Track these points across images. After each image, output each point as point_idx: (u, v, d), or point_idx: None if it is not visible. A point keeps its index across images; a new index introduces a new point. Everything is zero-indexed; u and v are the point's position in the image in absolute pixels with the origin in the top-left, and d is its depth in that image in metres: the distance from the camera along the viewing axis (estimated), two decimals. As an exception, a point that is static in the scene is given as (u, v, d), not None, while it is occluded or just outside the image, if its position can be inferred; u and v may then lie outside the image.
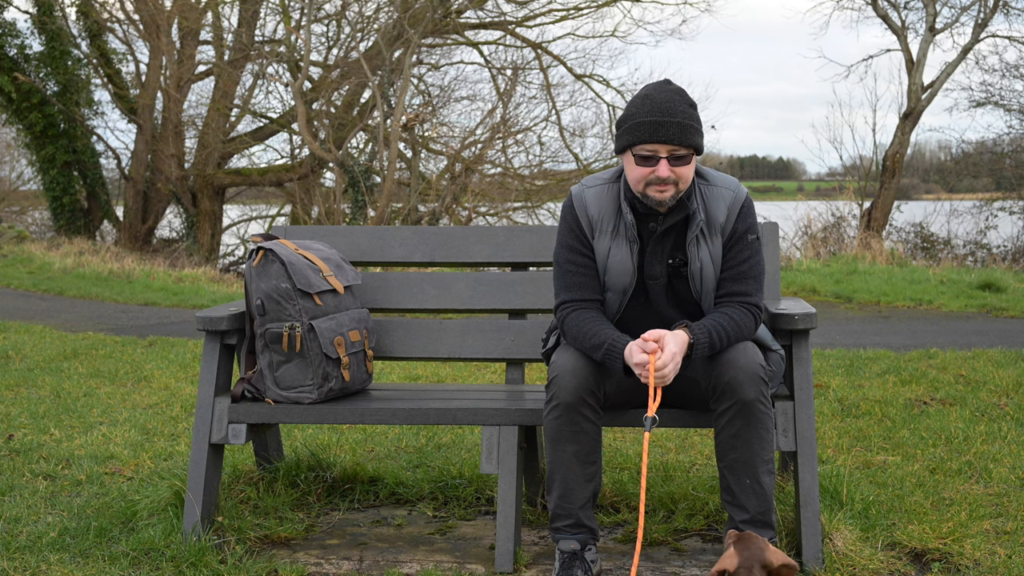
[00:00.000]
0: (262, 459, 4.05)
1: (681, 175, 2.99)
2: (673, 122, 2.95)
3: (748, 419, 2.97)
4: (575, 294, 3.13)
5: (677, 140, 2.95)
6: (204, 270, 16.70)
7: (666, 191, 2.99)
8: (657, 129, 2.94)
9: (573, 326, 3.09)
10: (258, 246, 3.48)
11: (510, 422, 3.33)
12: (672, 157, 2.96)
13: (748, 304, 3.08)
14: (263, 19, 21.05)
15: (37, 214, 26.49)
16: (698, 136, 3.01)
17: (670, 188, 2.99)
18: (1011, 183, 20.00)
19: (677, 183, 2.99)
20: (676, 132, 2.94)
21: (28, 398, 5.88)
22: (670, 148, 2.95)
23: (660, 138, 2.94)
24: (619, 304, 3.13)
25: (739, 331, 3.03)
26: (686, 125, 2.96)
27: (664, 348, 2.90)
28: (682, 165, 2.98)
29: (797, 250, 16.16)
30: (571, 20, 20.24)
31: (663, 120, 2.95)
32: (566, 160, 21.06)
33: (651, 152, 2.96)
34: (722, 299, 3.10)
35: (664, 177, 2.96)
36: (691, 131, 2.97)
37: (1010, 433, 4.72)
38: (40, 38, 20.41)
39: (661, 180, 2.97)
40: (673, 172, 2.96)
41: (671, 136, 2.94)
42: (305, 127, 18.17)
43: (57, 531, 3.51)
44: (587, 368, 3.02)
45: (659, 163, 2.96)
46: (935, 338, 7.88)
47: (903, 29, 18.32)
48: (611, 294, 3.12)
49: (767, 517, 3.03)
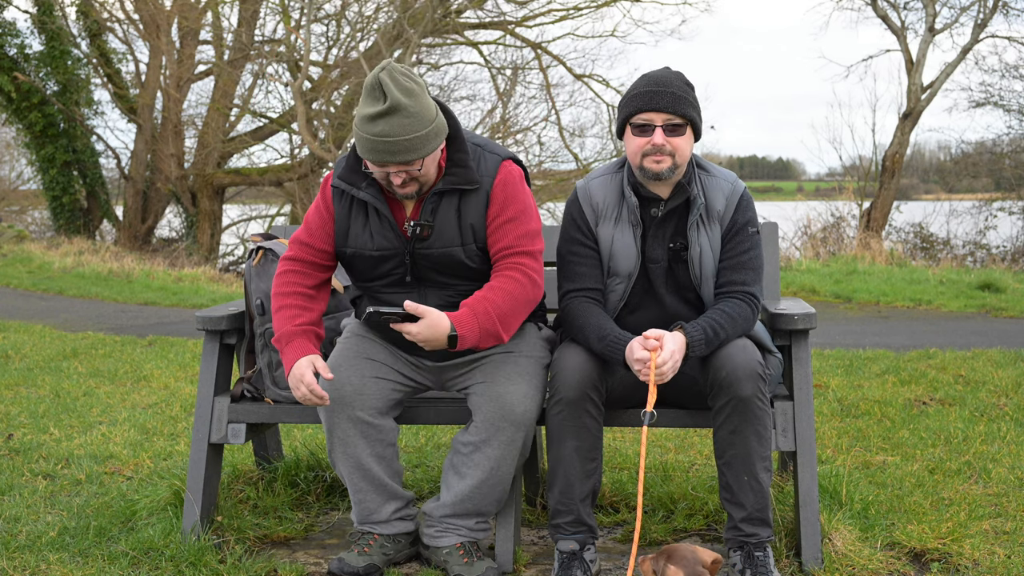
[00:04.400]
0: (261, 459, 4.05)
1: (677, 146, 3.03)
2: (667, 92, 3.02)
3: (745, 415, 2.98)
4: (576, 283, 3.17)
5: (671, 109, 3.01)
6: (204, 270, 16.70)
7: (663, 161, 3.03)
8: (652, 98, 3.02)
9: (575, 316, 3.13)
10: (258, 246, 3.47)
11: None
12: (668, 126, 3.02)
13: (746, 294, 3.10)
14: (263, 19, 21.08)
15: (37, 214, 26.51)
16: (693, 110, 3.06)
17: (666, 159, 3.03)
18: (1010, 183, 20.02)
19: (674, 155, 3.03)
20: (670, 101, 3.01)
21: (28, 397, 5.87)
22: (665, 117, 3.02)
23: (654, 106, 3.01)
24: (624, 290, 3.16)
25: (735, 325, 3.05)
26: (680, 96, 3.03)
27: (664, 347, 2.93)
28: (677, 136, 3.03)
29: (797, 250, 16.17)
30: (571, 20, 20.27)
31: (658, 90, 3.03)
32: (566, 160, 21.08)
33: (647, 121, 3.03)
34: (721, 289, 3.12)
35: (659, 145, 3.01)
36: (685, 103, 3.03)
37: (1009, 433, 4.72)
38: (40, 38, 20.42)
39: (657, 149, 3.02)
40: (669, 142, 3.02)
41: (665, 104, 3.01)
42: (305, 127, 18.18)
43: (56, 530, 3.50)
44: (590, 365, 3.04)
45: (655, 131, 3.02)
46: (934, 338, 7.89)
47: (903, 29, 18.33)
48: (616, 280, 3.15)
49: (764, 514, 3.04)
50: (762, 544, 3.04)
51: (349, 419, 3.11)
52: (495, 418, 3.07)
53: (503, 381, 3.09)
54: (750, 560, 3.01)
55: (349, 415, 3.11)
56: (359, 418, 3.11)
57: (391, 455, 3.18)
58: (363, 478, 3.16)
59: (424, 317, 2.92)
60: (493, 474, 3.10)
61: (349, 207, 3.13)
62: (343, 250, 3.15)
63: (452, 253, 3.07)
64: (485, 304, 2.98)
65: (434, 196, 3.05)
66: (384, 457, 3.17)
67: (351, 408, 3.11)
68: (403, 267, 3.10)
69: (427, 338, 2.93)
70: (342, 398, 3.10)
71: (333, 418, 3.13)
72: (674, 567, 2.67)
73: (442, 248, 3.06)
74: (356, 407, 3.11)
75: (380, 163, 2.93)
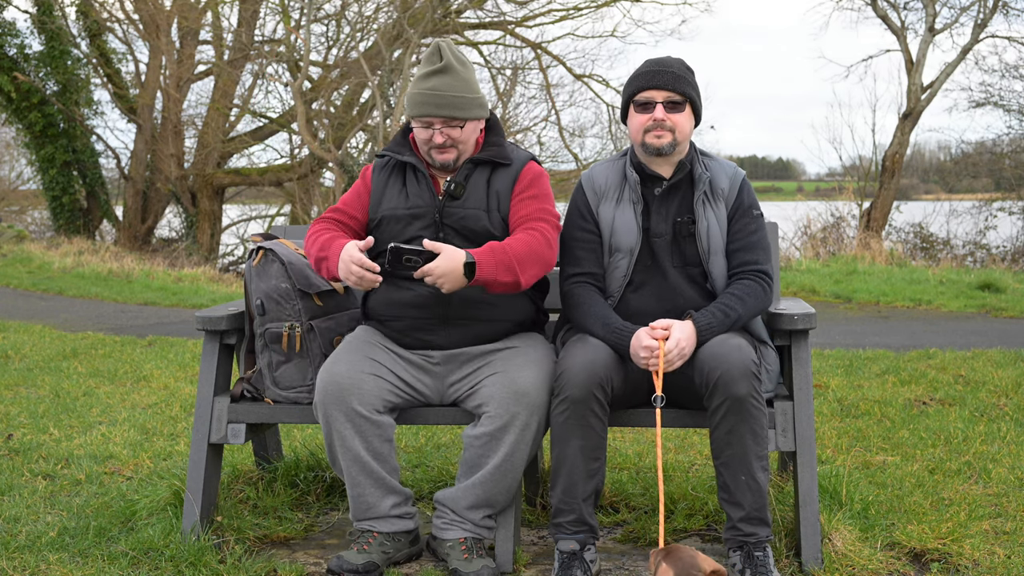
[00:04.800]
0: (261, 459, 4.05)
1: (677, 123, 3.17)
2: (668, 71, 3.19)
3: (741, 415, 2.99)
4: (577, 268, 3.28)
5: (671, 86, 3.16)
6: (203, 270, 16.70)
7: (663, 136, 3.17)
8: (652, 77, 3.18)
9: (578, 301, 3.23)
10: (258, 246, 3.47)
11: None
12: (668, 103, 3.17)
13: (757, 272, 3.21)
14: (263, 19, 21.08)
15: (36, 214, 26.50)
16: (692, 90, 3.21)
17: (667, 135, 3.17)
18: (1010, 183, 20.01)
19: (674, 131, 3.17)
20: (670, 79, 3.17)
21: (27, 398, 5.87)
22: (665, 94, 3.17)
23: (655, 84, 3.17)
24: (627, 265, 3.23)
25: (747, 305, 3.15)
26: (680, 75, 3.19)
27: (671, 335, 3.02)
28: (677, 112, 3.17)
29: (797, 250, 16.17)
30: (571, 20, 20.29)
31: (658, 70, 3.19)
32: (566, 160, 21.10)
33: (648, 99, 3.18)
34: (736, 270, 3.23)
35: (660, 120, 3.16)
36: (684, 82, 3.18)
37: (1009, 433, 4.72)
38: (40, 38, 20.40)
39: (658, 124, 3.16)
40: (669, 118, 3.16)
41: (665, 82, 3.17)
42: (305, 127, 18.18)
43: (56, 531, 3.50)
44: (597, 364, 3.05)
45: (656, 108, 3.17)
46: (934, 338, 7.89)
47: (903, 29, 18.33)
48: (619, 255, 3.24)
49: (763, 514, 3.05)
50: (761, 544, 3.04)
51: (345, 413, 3.13)
52: (509, 402, 3.10)
53: (514, 369, 3.15)
54: (750, 560, 3.01)
55: (346, 408, 3.13)
56: (356, 411, 3.13)
57: (388, 451, 3.19)
58: (361, 471, 3.17)
59: (441, 252, 3.04)
60: (507, 460, 3.12)
61: (388, 175, 3.36)
62: (375, 216, 3.32)
63: (478, 216, 3.24)
64: (502, 244, 3.15)
65: (468, 164, 3.29)
66: (381, 453, 3.18)
67: (348, 401, 3.12)
68: (431, 227, 3.24)
69: (445, 271, 3.03)
70: (339, 390, 3.13)
71: (330, 411, 3.14)
72: (666, 565, 2.66)
73: (470, 209, 3.25)
74: (353, 400, 3.13)
75: (427, 117, 3.19)
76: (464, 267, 3.04)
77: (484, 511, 3.20)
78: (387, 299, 3.29)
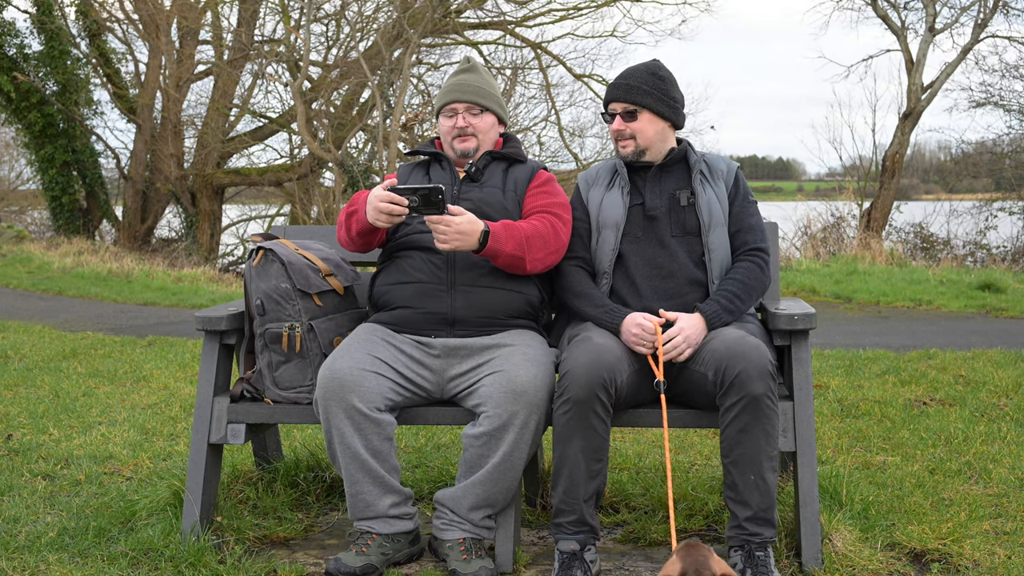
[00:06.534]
0: (261, 459, 4.05)
1: (636, 129, 3.38)
2: (623, 84, 3.40)
3: (756, 414, 2.99)
4: (569, 252, 3.45)
5: (623, 98, 3.38)
6: (203, 270, 16.70)
7: (627, 145, 3.40)
8: (611, 91, 3.44)
9: (570, 281, 3.39)
10: (258, 246, 3.47)
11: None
12: (624, 113, 3.39)
13: (757, 250, 3.38)
14: (263, 19, 21.08)
15: (36, 214, 26.51)
16: (649, 97, 3.37)
17: (629, 143, 3.40)
18: (1011, 183, 20.01)
19: (635, 137, 3.38)
20: (623, 92, 3.39)
21: (27, 398, 5.87)
22: (621, 105, 3.39)
23: (612, 97, 3.42)
24: (615, 239, 3.37)
25: (747, 289, 3.29)
26: (633, 86, 3.38)
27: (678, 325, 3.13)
28: (632, 120, 3.38)
29: (797, 250, 16.17)
30: (570, 20, 20.28)
31: (617, 83, 3.43)
32: (566, 160, 21.09)
33: (612, 110, 3.43)
34: (738, 251, 3.38)
35: (619, 130, 3.39)
36: (638, 91, 3.37)
37: (1009, 433, 4.72)
38: (39, 38, 20.40)
39: (619, 134, 3.40)
40: (628, 127, 3.38)
41: (618, 95, 3.40)
42: (304, 127, 18.17)
43: (56, 531, 3.50)
44: (601, 364, 3.04)
45: (615, 119, 3.40)
46: (935, 338, 7.89)
47: (903, 29, 18.33)
48: (607, 231, 3.39)
49: (769, 515, 3.04)
50: (764, 544, 3.03)
51: (345, 410, 3.13)
52: (508, 402, 3.10)
53: (513, 367, 3.16)
54: (751, 560, 3.01)
55: (346, 405, 3.13)
56: (356, 408, 3.13)
57: (388, 449, 3.19)
58: (359, 469, 3.17)
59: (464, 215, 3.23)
60: (507, 459, 3.12)
61: (412, 170, 3.62)
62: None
63: (495, 194, 3.47)
64: (515, 223, 3.36)
65: (487, 155, 3.55)
66: (381, 451, 3.17)
67: (348, 398, 3.13)
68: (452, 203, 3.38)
69: (465, 229, 3.20)
70: (340, 387, 3.13)
71: (330, 408, 3.15)
72: (675, 557, 2.64)
73: (488, 188, 3.48)
74: (353, 398, 3.13)
75: (453, 103, 3.53)
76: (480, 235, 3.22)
77: (484, 511, 3.20)
78: (395, 278, 3.41)
